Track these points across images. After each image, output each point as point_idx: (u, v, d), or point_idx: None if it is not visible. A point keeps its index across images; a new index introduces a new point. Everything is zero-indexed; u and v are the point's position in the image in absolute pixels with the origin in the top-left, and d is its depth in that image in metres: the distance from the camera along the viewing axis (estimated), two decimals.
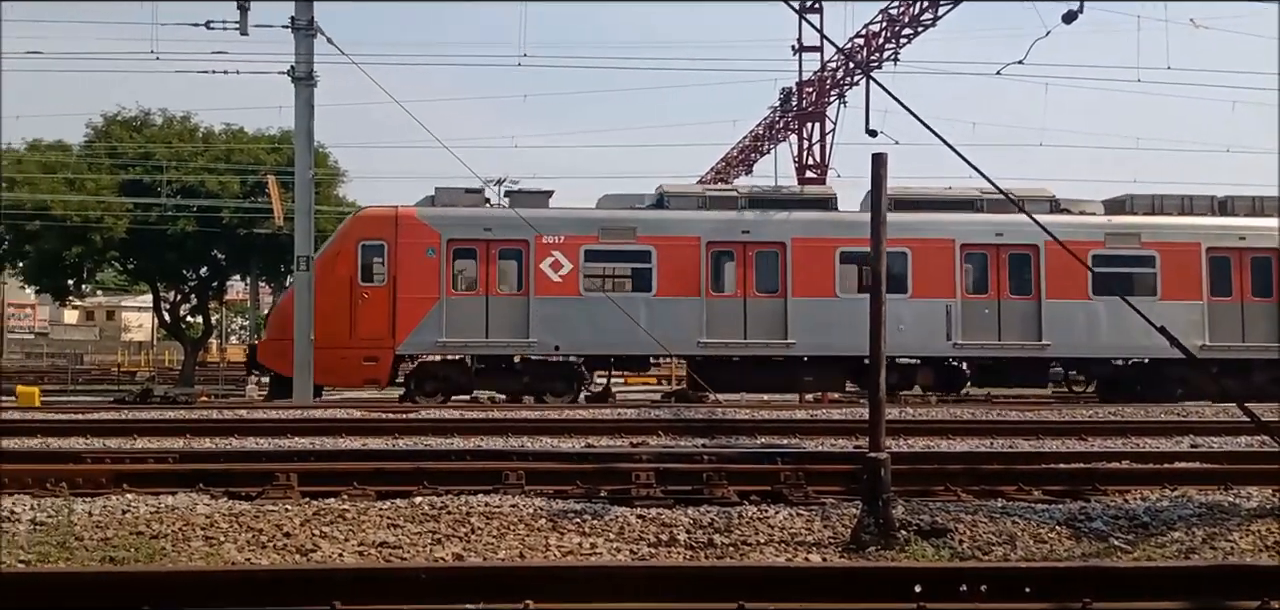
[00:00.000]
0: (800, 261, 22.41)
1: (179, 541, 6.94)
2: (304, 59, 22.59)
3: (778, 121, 37.15)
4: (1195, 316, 22.56)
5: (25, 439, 12.55)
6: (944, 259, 22.58)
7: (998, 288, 22.79)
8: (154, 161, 38.06)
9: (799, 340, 22.27)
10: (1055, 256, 22.41)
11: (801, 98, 34.92)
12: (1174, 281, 22.71)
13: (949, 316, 22.48)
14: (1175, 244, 22.88)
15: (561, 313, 22.08)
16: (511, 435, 13.36)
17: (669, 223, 22.62)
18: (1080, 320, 22.81)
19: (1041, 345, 22.53)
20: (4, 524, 7.41)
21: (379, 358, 21.70)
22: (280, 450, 10.75)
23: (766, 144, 39.24)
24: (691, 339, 22.22)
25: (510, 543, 7.02)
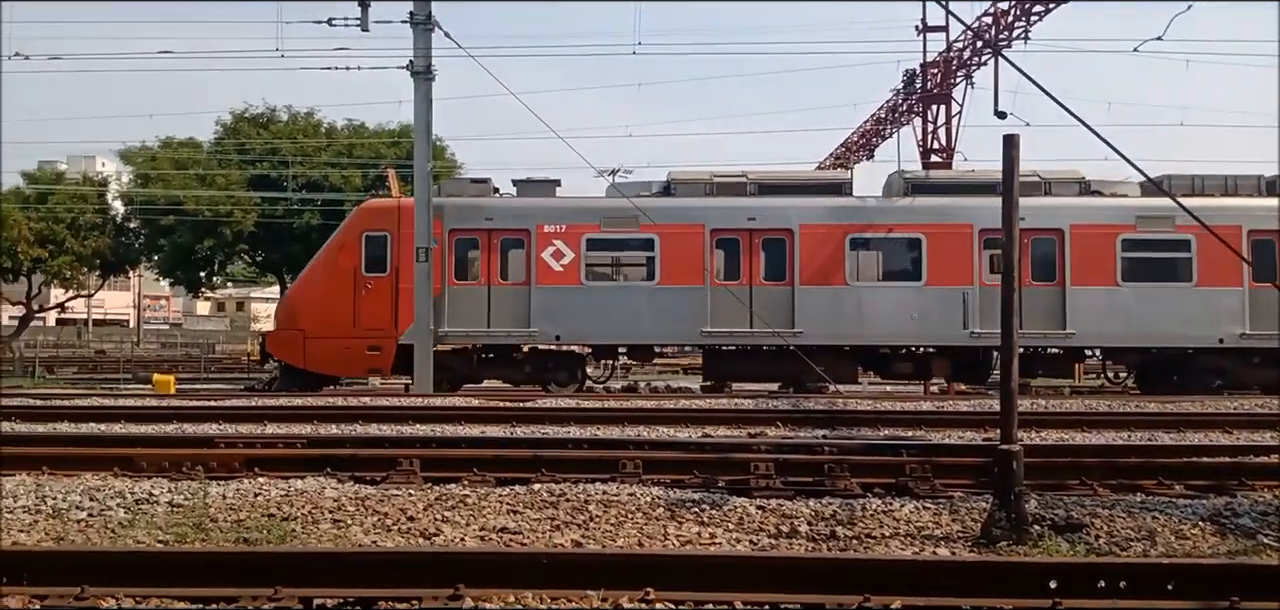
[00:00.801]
0: (809, 249, 22.07)
1: (308, 523, 7.20)
2: (422, 53, 23.13)
3: (901, 105, 36.47)
4: (1234, 304, 21.52)
5: (162, 425, 13.24)
6: (961, 245, 21.94)
7: (1019, 274, 21.99)
8: (280, 157, 39.54)
9: (807, 329, 21.91)
10: (1081, 241, 21.81)
11: (926, 79, 34.19)
12: (1211, 267, 21.52)
13: (966, 304, 21.82)
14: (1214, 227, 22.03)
15: (563, 302, 22.16)
16: (628, 424, 13.49)
17: (672, 211, 22.42)
18: (1108, 308, 21.78)
19: (1066, 334, 21.78)
20: (143, 506, 7.80)
21: (382, 347, 22.08)
22: (403, 436, 11.04)
23: (889, 128, 38.56)
24: (695, 328, 22.15)
25: (628, 531, 7.07)
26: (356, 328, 22.09)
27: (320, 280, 23.12)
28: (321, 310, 22.36)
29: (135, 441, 10.58)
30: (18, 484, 8.54)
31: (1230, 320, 21.40)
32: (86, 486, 8.45)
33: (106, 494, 8.12)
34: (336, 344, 22.19)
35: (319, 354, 22.42)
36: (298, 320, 22.78)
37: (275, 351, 23.33)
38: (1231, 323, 21.40)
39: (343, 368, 22.67)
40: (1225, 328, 21.54)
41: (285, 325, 23.30)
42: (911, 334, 21.97)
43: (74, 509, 7.62)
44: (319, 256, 23.86)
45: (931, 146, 33.75)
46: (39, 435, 11.66)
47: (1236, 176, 22.95)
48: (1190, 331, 21.81)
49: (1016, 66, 8.31)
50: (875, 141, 40.23)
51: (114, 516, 7.42)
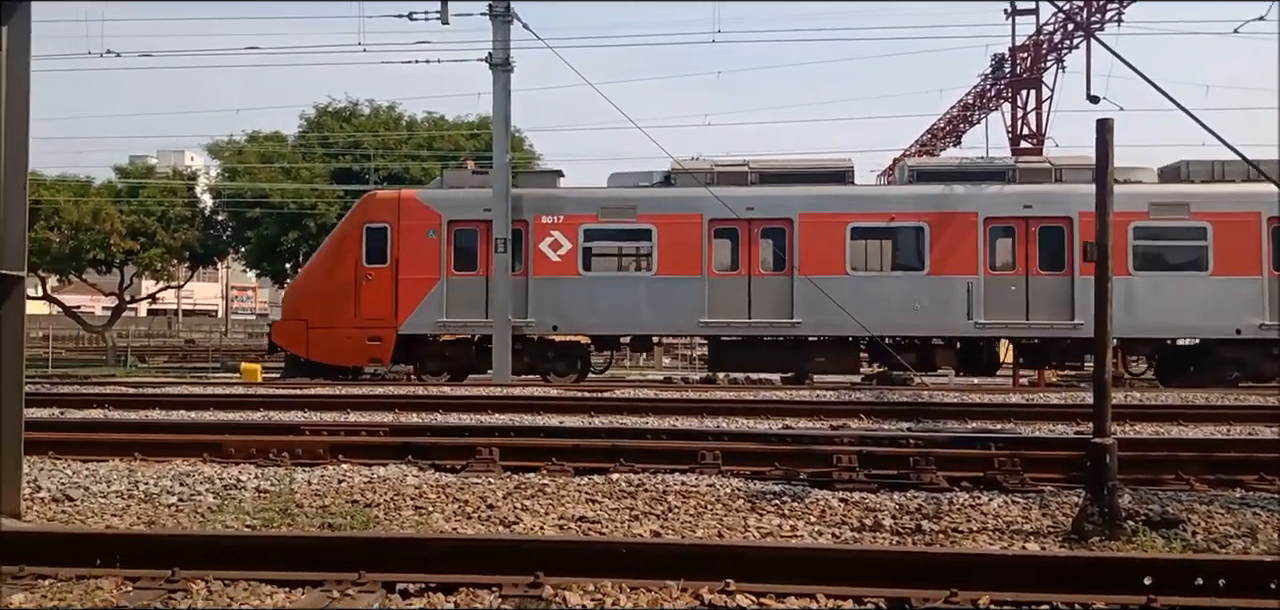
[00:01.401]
0: (808, 238, 21.94)
1: (390, 510, 7.33)
2: (501, 45, 23.37)
3: (989, 90, 35.77)
4: (1252, 293, 20.82)
5: (249, 413, 13.58)
6: (966, 234, 21.66)
7: (1026, 263, 21.65)
8: (362, 150, 40.27)
9: (805, 320, 21.88)
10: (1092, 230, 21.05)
11: (1015, 63, 33.46)
12: (1228, 255, 20.98)
13: (970, 294, 21.53)
14: (1230, 214, 21.09)
15: (560, 292, 22.39)
16: (707, 415, 13.46)
17: (670, 200, 22.47)
18: (1118, 297, 21.05)
19: (1074, 324, 21.26)
20: (231, 491, 8.02)
21: (382, 338, 22.50)
22: (482, 426, 11.17)
23: (976, 113, 37.86)
24: (693, 319, 22.19)
25: (708, 522, 7.05)
26: (357, 318, 22.61)
27: (323, 271, 23.67)
28: (324, 301, 22.91)
29: (224, 428, 10.89)
30: (111, 469, 8.85)
31: (1249, 310, 20.78)
32: (177, 472, 8.72)
33: (196, 479, 8.37)
34: (338, 334, 22.71)
35: (321, 343, 22.95)
36: (301, 310, 23.37)
37: (280, 341, 23.88)
38: (1250, 313, 20.78)
39: (344, 357, 23.11)
40: (1243, 318, 20.97)
41: (290, 315, 23.90)
42: (914, 324, 21.71)
43: (165, 494, 7.87)
44: (323, 248, 24.55)
45: (1021, 132, 33.02)
46: (131, 422, 12.07)
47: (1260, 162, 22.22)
48: (1206, 322, 21.27)
49: (1110, 49, 8.07)
50: (962, 128, 39.52)
51: (203, 501, 7.65)
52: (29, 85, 6.76)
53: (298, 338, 23.20)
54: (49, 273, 39.90)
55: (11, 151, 6.62)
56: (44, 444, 9.56)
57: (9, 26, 6.61)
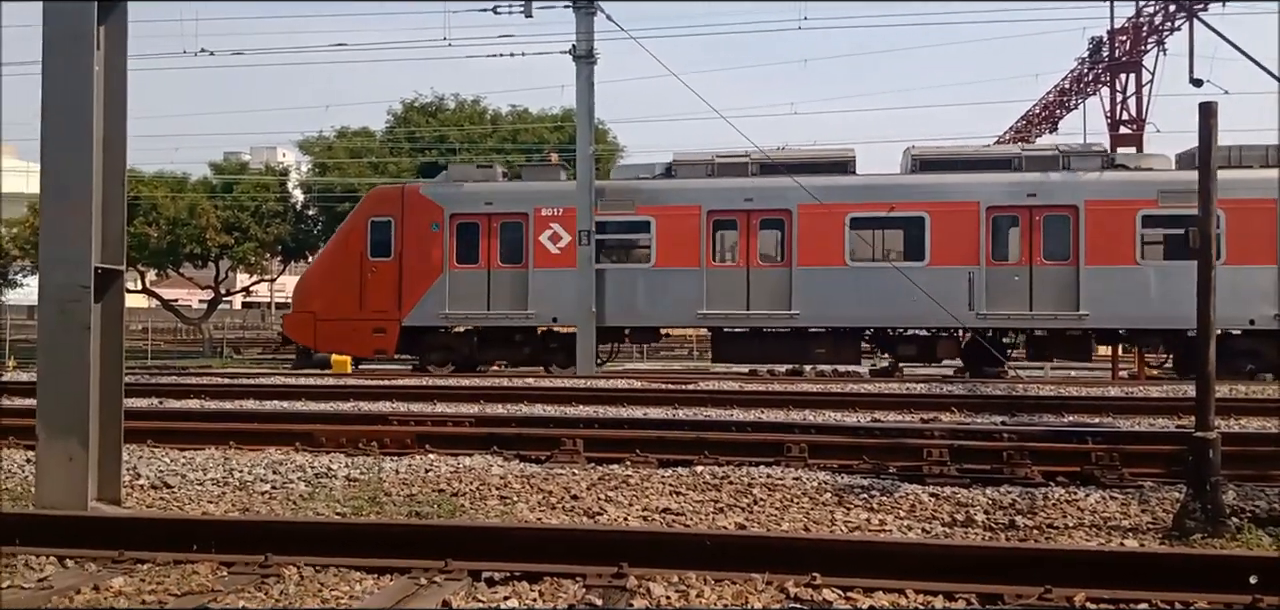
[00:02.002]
0: (806, 229, 21.94)
1: (476, 499, 7.43)
2: (584, 37, 23.49)
3: (1086, 74, 34.82)
4: (1267, 283, 20.40)
5: (340, 403, 13.91)
6: (967, 223, 21.42)
7: (1030, 253, 21.41)
8: (448, 144, 40.85)
9: (803, 311, 21.97)
10: (1096, 218, 20.81)
11: (1114, 47, 32.51)
12: (1242, 244, 20.42)
13: (971, 285, 21.36)
14: (1245, 201, 20.35)
15: (560, 285, 22.61)
16: (793, 408, 13.38)
17: (669, 192, 22.58)
18: (1125, 287, 20.86)
19: (1078, 315, 21.09)
20: (322, 479, 8.22)
21: (387, 329, 23.08)
22: (567, 417, 11.25)
23: (1073, 99, 36.90)
24: (691, 310, 22.35)
25: (793, 515, 7.00)
26: (363, 310, 23.24)
27: (330, 264, 24.33)
28: (331, 293, 23.59)
29: (315, 418, 11.17)
30: (207, 457, 9.14)
31: (1263, 300, 20.35)
32: (270, 460, 8.97)
33: (288, 468, 8.60)
34: (344, 325, 23.40)
35: (328, 335, 23.73)
36: (310, 303, 24.11)
37: (290, 333, 24.68)
38: (1264, 303, 20.35)
39: (350, 348, 23.72)
40: (1257, 308, 20.36)
41: (299, 308, 24.56)
42: (914, 316, 21.66)
43: (259, 481, 8.09)
44: (330, 242, 25.34)
45: (1120, 117, 32.08)
46: (227, 412, 12.45)
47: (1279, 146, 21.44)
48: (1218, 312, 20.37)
49: (1214, 29, 7.78)
50: (1058, 114, 38.55)
51: (296, 489, 7.84)
52: (126, 84, 6.99)
53: (306, 330, 24.05)
54: (148, 267, 41.28)
55: (110, 149, 6.85)
56: (143, 433, 9.91)
57: (106, 26, 6.84)
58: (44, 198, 6.69)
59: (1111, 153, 22.25)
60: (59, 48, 6.65)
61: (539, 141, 41.99)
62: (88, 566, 5.22)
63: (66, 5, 6.63)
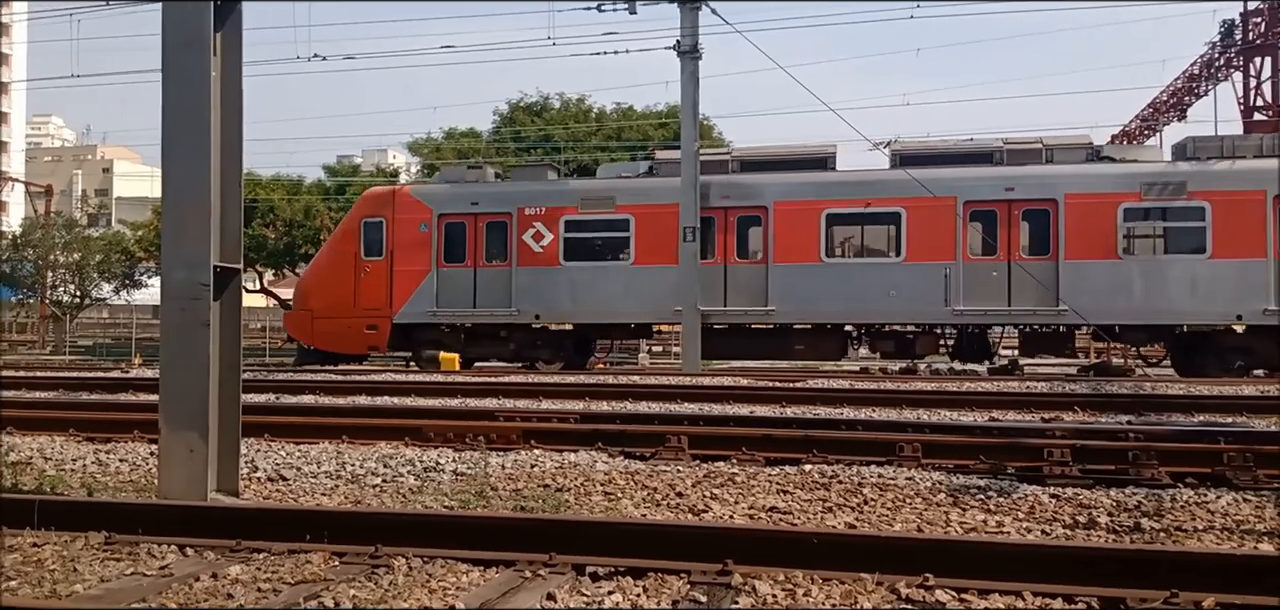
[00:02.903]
0: (783, 225, 22.12)
1: (580, 495, 7.49)
2: (689, 32, 23.49)
3: (1217, 59, 33.40)
4: (1254, 276, 19.84)
5: (448, 399, 14.21)
6: (944, 218, 21.33)
7: (1008, 248, 21.29)
8: (552, 143, 41.34)
9: (779, 307, 22.13)
10: (1077, 211, 20.78)
11: (1248, 29, 31.11)
12: (1228, 237, 20.02)
13: (947, 281, 21.27)
14: (1232, 193, 20.09)
15: (542, 282, 23.11)
16: (907, 407, 13.17)
17: (648, 191, 23.06)
18: (1106, 282, 20.62)
19: (1057, 310, 20.87)
20: (431, 473, 8.39)
21: (378, 326, 23.90)
22: (671, 414, 11.27)
23: (1203, 85, 35.43)
24: (669, 306, 22.63)
25: (906, 516, 6.87)
26: (356, 308, 24.23)
27: (326, 264, 25.42)
28: (326, 292, 24.55)
29: (424, 414, 11.43)
30: (321, 451, 9.42)
31: (1252, 295, 19.82)
32: (381, 454, 9.20)
33: (398, 461, 8.80)
34: (339, 323, 24.30)
35: (324, 332, 24.69)
36: (307, 301, 25.18)
37: (290, 330, 25.74)
38: (1254, 297, 19.82)
39: (345, 345, 24.64)
40: (1246, 303, 19.89)
41: (298, 306, 25.59)
42: (890, 311, 21.82)
43: (370, 474, 8.31)
44: (327, 242, 26.69)
45: (1254, 103, 30.68)
46: (339, 407, 12.82)
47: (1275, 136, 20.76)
48: (1203, 306, 20.22)
49: None
50: (1187, 101, 37.06)
51: (405, 482, 8.02)
52: (242, 87, 7.25)
53: (304, 327, 25.11)
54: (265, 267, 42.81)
55: (227, 152, 7.11)
56: (260, 427, 10.26)
57: (222, 32, 7.10)
58: (165, 200, 6.98)
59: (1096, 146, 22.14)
60: (177, 53, 6.92)
61: (643, 139, 42.15)
62: (206, 555, 5.42)
63: (184, 11, 6.90)
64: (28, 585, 4.87)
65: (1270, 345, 20.01)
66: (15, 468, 8.73)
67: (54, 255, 49.20)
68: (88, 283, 49.84)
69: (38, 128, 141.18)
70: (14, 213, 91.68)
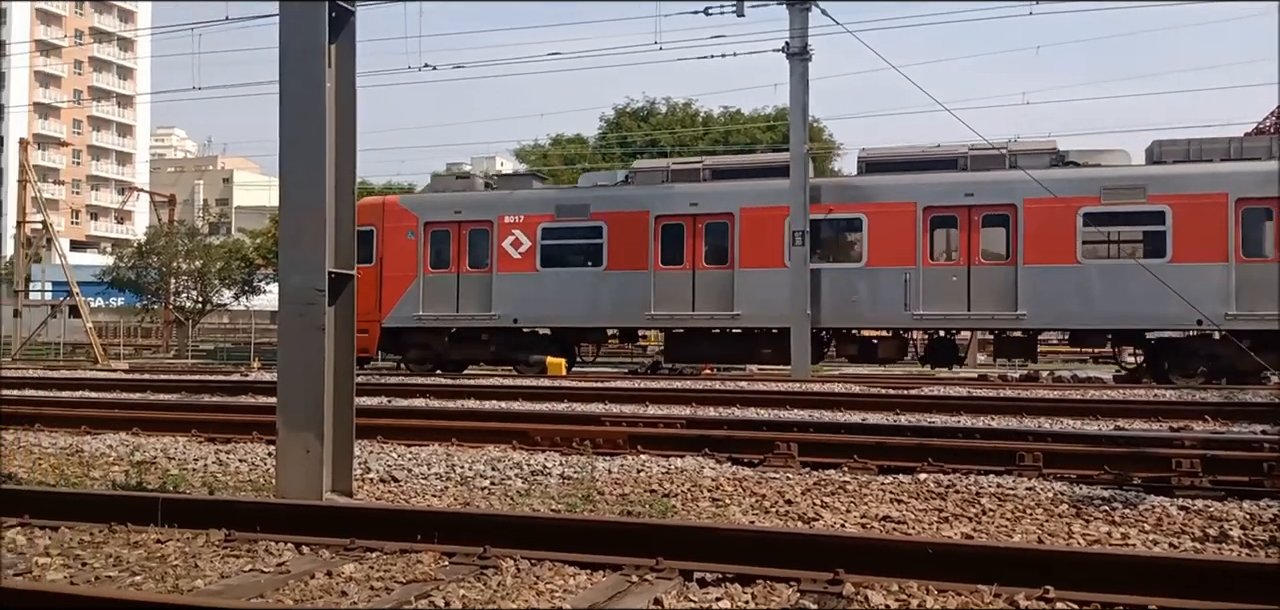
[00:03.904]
0: (749, 232, 22.74)
1: (687, 500, 7.50)
2: (798, 34, 23.35)
3: None
4: (1217, 280, 19.81)
5: (554, 404, 14.37)
6: (904, 224, 21.71)
7: (968, 253, 21.58)
8: (659, 147, 41.50)
9: (745, 311, 22.75)
10: (1035, 216, 20.87)
11: None
12: (1190, 240, 20.06)
13: (907, 285, 21.61)
14: (1193, 196, 20.14)
15: (520, 287, 23.95)
16: (1027, 415, 12.85)
17: (620, 198, 23.96)
18: (1065, 287, 20.81)
19: (1016, 315, 21.18)
20: (538, 477, 8.51)
21: (368, 330, 24.41)
22: (780, 420, 11.20)
23: None
24: (641, 311, 23.44)
25: (1026, 527, 6.70)
26: None
27: None
28: None
29: (531, 418, 11.58)
30: (431, 453, 9.63)
31: (1213, 299, 19.71)
32: (489, 457, 9.37)
33: (506, 465, 8.95)
34: None
35: None
36: None
37: None
38: (1214, 302, 19.72)
39: None
40: (1206, 307, 19.70)
41: None
42: (853, 316, 22.47)
43: (478, 477, 8.47)
44: None
45: None
46: (449, 411, 13.09)
47: (1242, 139, 20.56)
48: (1163, 311, 19.92)
49: None
50: None
51: (513, 485, 8.16)
52: (355, 96, 7.48)
53: None
54: None
55: (341, 159, 7.34)
56: (373, 429, 10.55)
57: (336, 43, 7.33)
58: (283, 207, 7.25)
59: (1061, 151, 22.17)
60: (294, 64, 7.18)
61: (751, 142, 42.03)
62: (322, 553, 5.60)
63: (301, 23, 7.14)
64: (151, 580, 5.10)
65: (1232, 349, 19.77)
66: (140, 466, 9.15)
67: (177, 262, 51.34)
68: (209, 289, 51.90)
69: (161, 139, 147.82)
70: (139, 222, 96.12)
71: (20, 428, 11.72)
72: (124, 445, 10.39)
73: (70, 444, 10.48)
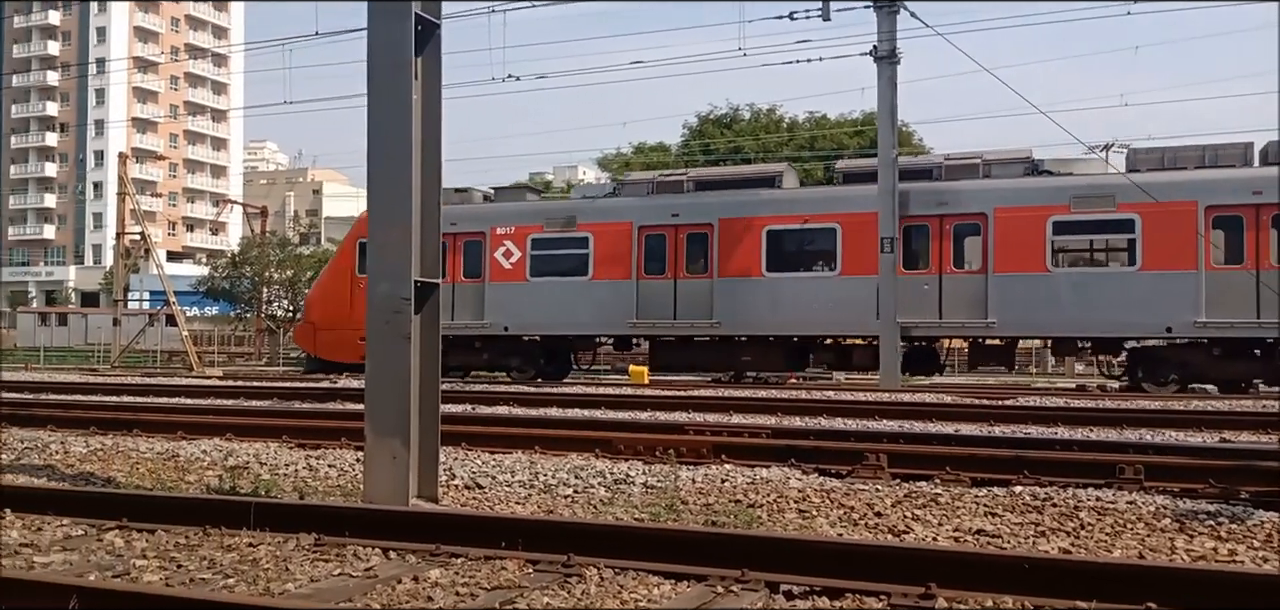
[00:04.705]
0: (726, 241, 23.46)
1: (773, 512, 7.44)
2: (886, 37, 23.09)
3: None
4: (1186, 288, 20.00)
5: (637, 412, 14.40)
6: (876, 234, 22.00)
7: (939, 261, 22.01)
8: (742, 154, 41.38)
9: (725, 320, 23.40)
10: (1006, 225, 21.25)
11: None
12: (1160, 249, 20.31)
13: (879, 293, 21.97)
14: (1163, 205, 20.17)
15: (511, 296, 24.78)
16: (1127, 426, 12.51)
17: (605, 210, 24.82)
18: (1035, 295, 21.14)
19: (986, 323, 21.48)
20: (621, 485, 8.52)
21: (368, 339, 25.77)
22: (869, 431, 11.06)
23: None
24: (624, 319, 24.20)
25: (1126, 541, 6.51)
26: (351, 321, 25.48)
27: (327, 282, 28.47)
28: (326, 307, 27.52)
29: (614, 426, 11.62)
30: (515, 460, 9.71)
31: (1182, 307, 19.98)
32: (572, 465, 9.41)
33: (589, 473, 8.98)
34: (337, 334, 26.78)
35: (325, 343, 27.49)
36: (311, 315, 28.37)
37: (298, 342, 28.61)
38: (1184, 310, 19.97)
39: (342, 355, 26.78)
40: (1176, 315, 20.04)
41: (304, 319, 28.59)
42: (827, 324, 23.03)
43: (561, 485, 8.51)
44: (329, 262, 28.98)
45: None
46: (532, 418, 13.19)
47: (1217, 147, 20.67)
48: (1133, 319, 20.54)
49: None
50: None
51: (596, 493, 8.18)
52: (441, 109, 7.59)
53: (309, 339, 28.23)
54: None
55: (427, 170, 7.46)
56: (458, 436, 10.68)
57: (423, 57, 7.45)
58: (371, 217, 7.39)
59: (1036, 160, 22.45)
60: (381, 77, 7.32)
61: (837, 148, 41.65)
62: (408, 558, 5.68)
63: (388, 38, 7.29)
64: (244, 583, 5.22)
65: (1203, 358, 20.33)
66: (233, 471, 9.40)
67: (269, 272, 52.76)
68: (300, 298, 53.19)
69: (254, 152, 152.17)
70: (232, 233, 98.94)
71: (119, 433, 12.13)
72: (218, 450, 10.68)
73: (167, 449, 10.81)
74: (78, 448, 10.96)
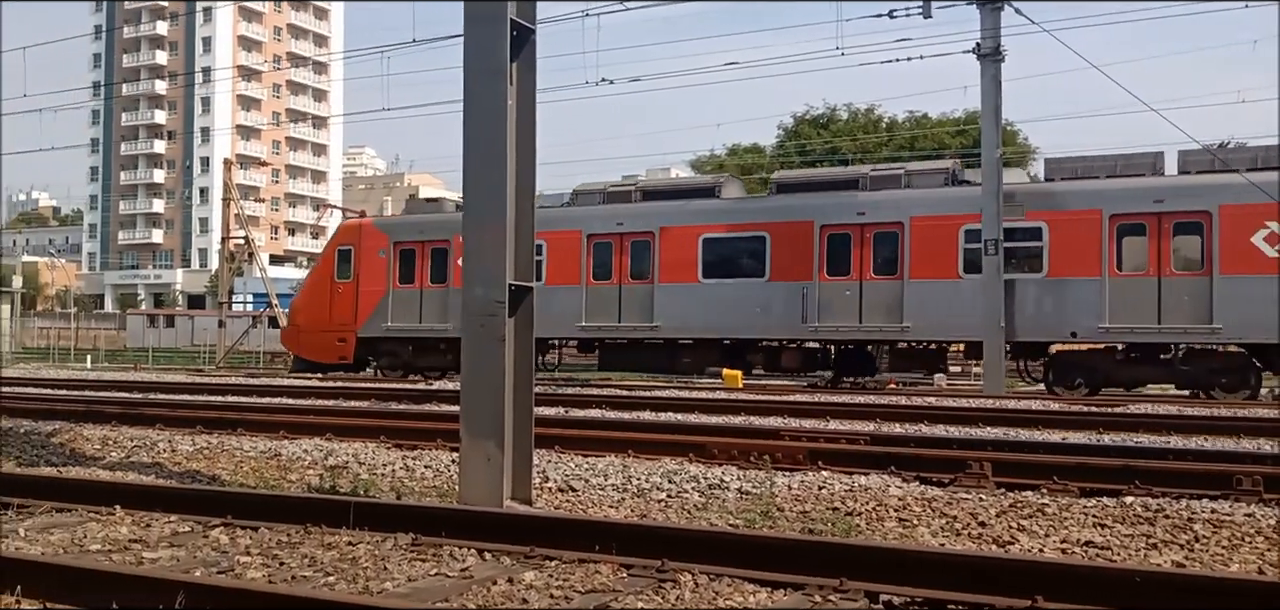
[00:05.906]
0: (668, 248, 24.71)
1: (872, 520, 7.34)
2: (990, 34, 22.66)
3: None
4: (1091, 295, 20.77)
5: (731, 416, 14.35)
6: (803, 241, 23.26)
7: (861, 268, 22.94)
8: (840, 155, 40.97)
9: (665, 323, 24.60)
10: (921, 233, 22.24)
11: None
12: (1066, 256, 21.14)
13: (805, 299, 23.05)
14: (1068, 213, 21.31)
15: None
16: (1244, 435, 12.04)
17: (558, 218, 25.82)
18: (948, 300, 22.02)
19: (902, 327, 22.44)
20: (715, 491, 8.50)
21: (346, 339, 28.00)
22: (972, 439, 10.85)
23: None
24: (574, 323, 25.47)
25: (1244, 555, 6.27)
26: (331, 323, 28.38)
27: (310, 286, 30.43)
28: (309, 310, 29.27)
29: (707, 431, 11.61)
30: (608, 464, 9.76)
31: (1086, 312, 20.76)
32: (665, 469, 9.41)
33: (682, 477, 8.98)
34: (318, 336, 28.79)
35: (308, 344, 29.33)
36: (295, 317, 30.20)
37: (284, 342, 30.76)
38: (1088, 315, 20.75)
39: (322, 355, 28.84)
40: (1080, 320, 20.86)
41: (290, 321, 30.60)
42: (757, 327, 23.93)
43: (655, 489, 8.53)
44: (313, 267, 30.89)
45: None
46: (625, 422, 13.25)
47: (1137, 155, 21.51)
48: (1039, 323, 21.49)
49: None
50: None
51: (690, 498, 8.18)
52: (535, 113, 7.68)
53: (293, 340, 30.36)
54: None
55: (522, 174, 7.55)
56: (551, 439, 10.77)
57: (518, 62, 7.54)
58: (466, 222, 7.50)
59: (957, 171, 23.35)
60: (477, 83, 7.43)
61: (938, 147, 40.97)
62: (503, 559, 5.75)
63: (483, 43, 7.39)
64: (344, 581, 5.34)
65: (1109, 362, 21.23)
66: (333, 470, 9.63)
67: None
68: None
69: (352, 158, 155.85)
70: None
71: (224, 432, 12.53)
72: (318, 450, 10.95)
73: (269, 448, 11.13)
74: (185, 446, 11.35)
